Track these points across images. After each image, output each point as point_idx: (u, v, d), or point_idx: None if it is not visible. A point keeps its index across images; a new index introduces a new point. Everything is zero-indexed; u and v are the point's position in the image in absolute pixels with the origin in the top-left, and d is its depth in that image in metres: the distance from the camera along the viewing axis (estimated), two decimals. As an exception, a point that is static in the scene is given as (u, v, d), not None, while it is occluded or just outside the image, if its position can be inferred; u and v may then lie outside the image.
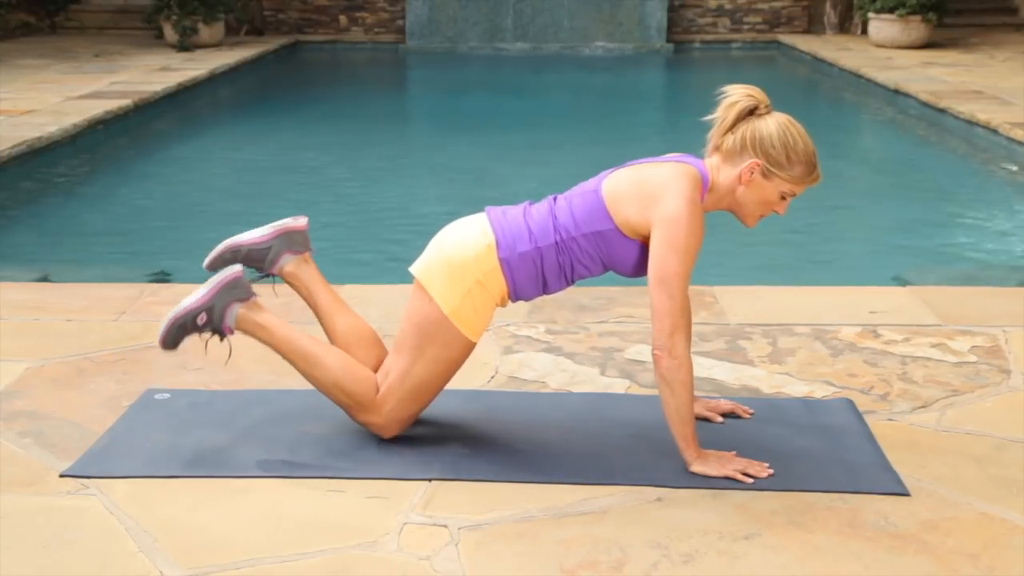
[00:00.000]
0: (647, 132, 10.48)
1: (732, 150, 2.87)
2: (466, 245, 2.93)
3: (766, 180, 2.85)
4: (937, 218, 6.76)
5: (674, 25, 15.56)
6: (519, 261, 2.91)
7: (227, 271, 3.01)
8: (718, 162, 2.91)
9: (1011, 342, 3.83)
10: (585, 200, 2.92)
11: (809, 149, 2.85)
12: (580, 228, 2.90)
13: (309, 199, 7.08)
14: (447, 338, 2.92)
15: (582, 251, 2.91)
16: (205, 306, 2.97)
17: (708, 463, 2.86)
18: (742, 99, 2.87)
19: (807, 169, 2.84)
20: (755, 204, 2.89)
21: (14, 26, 14.31)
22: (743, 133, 2.85)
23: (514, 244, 2.91)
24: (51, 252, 6.00)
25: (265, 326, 3.02)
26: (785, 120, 2.87)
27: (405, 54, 15.15)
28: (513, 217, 2.97)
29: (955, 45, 13.35)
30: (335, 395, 3.00)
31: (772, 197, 2.87)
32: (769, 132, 2.83)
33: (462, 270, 2.90)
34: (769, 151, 2.83)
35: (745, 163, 2.85)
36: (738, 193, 2.88)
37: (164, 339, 2.99)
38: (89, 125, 8.47)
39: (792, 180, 2.84)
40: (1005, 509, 2.72)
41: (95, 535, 2.60)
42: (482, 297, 2.92)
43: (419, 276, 2.95)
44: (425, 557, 2.51)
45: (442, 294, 2.90)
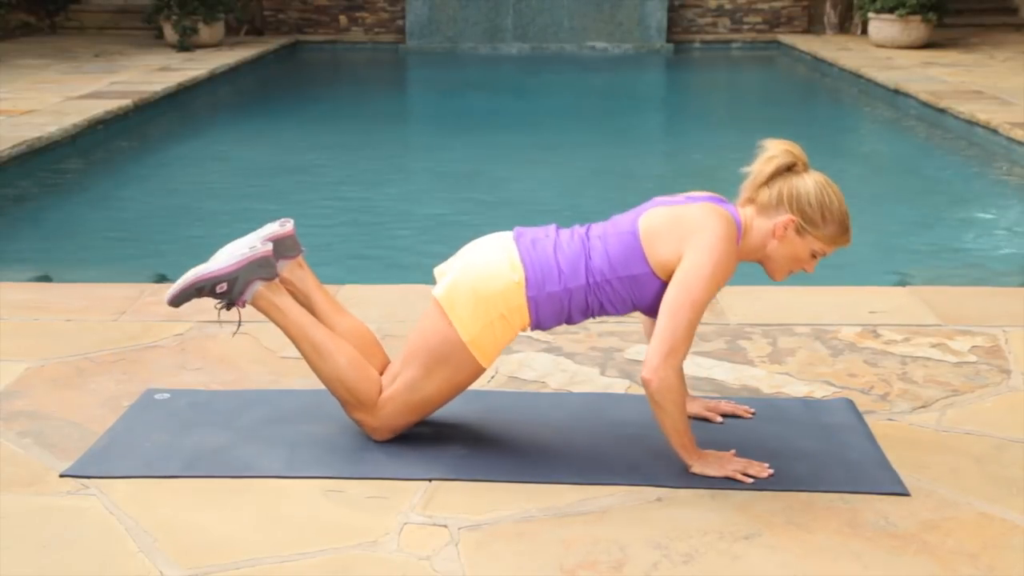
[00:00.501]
0: (647, 132, 10.49)
1: (767, 204, 2.87)
2: (494, 276, 2.89)
3: (799, 237, 2.85)
4: (937, 218, 6.76)
5: (674, 25, 15.56)
6: (547, 300, 2.89)
7: (260, 248, 3.00)
8: (752, 213, 2.90)
9: (1011, 342, 3.83)
10: (621, 241, 2.88)
11: (844, 210, 2.86)
12: (615, 271, 2.87)
13: (309, 199, 7.08)
14: (460, 362, 2.92)
15: (614, 293, 2.88)
16: (229, 276, 2.97)
17: (708, 463, 2.86)
18: (781, 155, 2.87)
19: (840, 230, 2.85)
20: (786, 259, 2.89)
21: (14, 26, 14.31)
22: (780, 188, 2.85)
23: (543, 282, 2.88)
24: (51, 252, 6.00)
25: (281, 308, 3.02)
26: (822, 179, 2.87)
27: (405, 54, 15.15)
28: (543, 251, 2.91)
29: (955, 45, 13.35)
30: (336, 389, 3.00)
31: (803, 254, 2.87)
32: (807, 190, 2.84)
33: (487, 302, 2.88)
34: (805, 209, 2.83)
35: (780, 218, 2.85)
36: (770, 247, 2.88)
37: (176, 297, 2.99)
38: (89, 125, 8.47)
39: (825, 240, 2.85)
40: (1005, 509, 2.72)
41: (95, 535, 2.60)
42: (503, 329, 2.91)
43: (441, 300, 2.92)
44: (425, 557, 2.51)
45: (463, 321, 2.88)
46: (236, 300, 3.00)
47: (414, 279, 4.71)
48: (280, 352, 3.72)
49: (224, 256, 3.00)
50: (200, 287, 2.98)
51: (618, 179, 7.93)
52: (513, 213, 6.85)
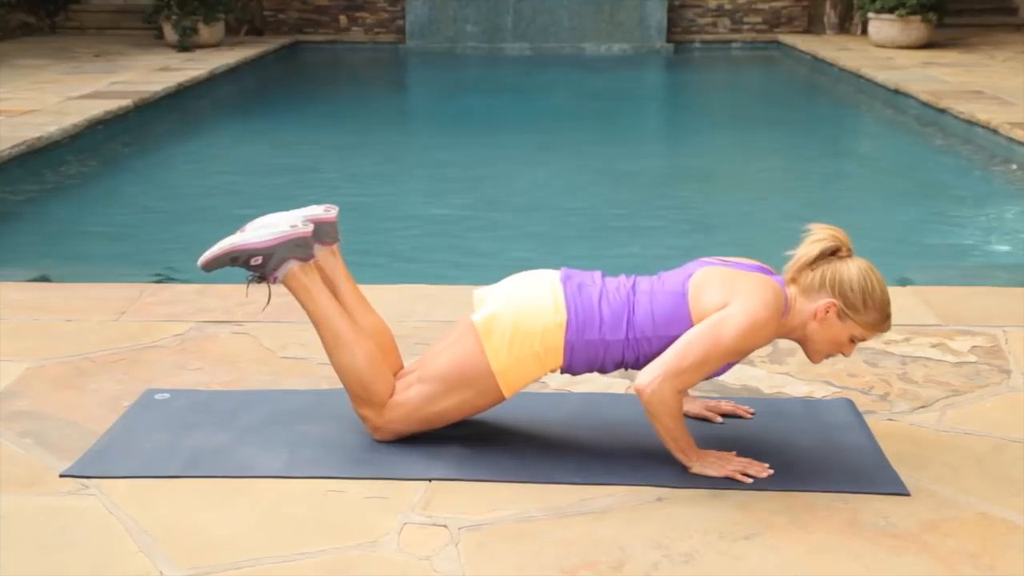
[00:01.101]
0: (647, 132, 10.50)
1: (811, 287, 2.87)
2: (536, 313, 2.89)
3: (839, 321, 2.85)
4: (937, 218, 6.76)
5: (674, 25, 15.57)
6: (584, 347, 2.89)
7: (301, 227, 3.00)
8: (795, 293, 2.90)
9: (1011, 342, 3.83)
10: (667, 301, 2.88)
11: (886, 299, 2.86)
12: (657, 330, 2.86)
13: (309, 199, 7.03)
14: (484, 388, 2.92)
15: (651, 351, 2.88)
16: (266, 251, 2.97)
17: (708, 463, 2.86)
18: (826, 239, 2.88)
19: (881, 317, 2.85)
20: (825, 342, 2.88)
21: (14, 26, 14.31)
22: (823, 272, 2.85)
23: (583, 329, 2.87)
24: (51, 252, 6.00)
25: (311, 291, 3.02)
26: (866, 266, 2.87)
27: (405, 54, 15.15)
28: (588, 298, 2.91)
29: (955, 45, 13.35)
30: (350, 381, 3.00)
31: (842, 338, 2.87)
32: (850, 276, 2.84)
33: (524, 338, 2.88)
34: (847, 294, 2.83)
35: (822, 301, 2.85)
36: (809, 328, 2.88)
37: (209, 263, 2.99)
38: (89, 125, 8.47)
39: (865, 326, 2.85)
40: (1005, 509, 2.72)
41: (95, 535, 2.60)
42: (535, 367, 2.91)
43: (479, 327, 2.91)
44: (425, 557, 2.51)
45: (496, 352, 2.88)
46: (268, 276, 3.00)
47: (414, 279, 4.72)
48: (280, 352, 3.72)
49: (263, 229, 2.99)
50: (235, 256, 2.98)
51: (618, 179, 7.93)
52: (513, 213, 6.86)
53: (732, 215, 6.71)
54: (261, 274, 3.01)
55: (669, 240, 6.18)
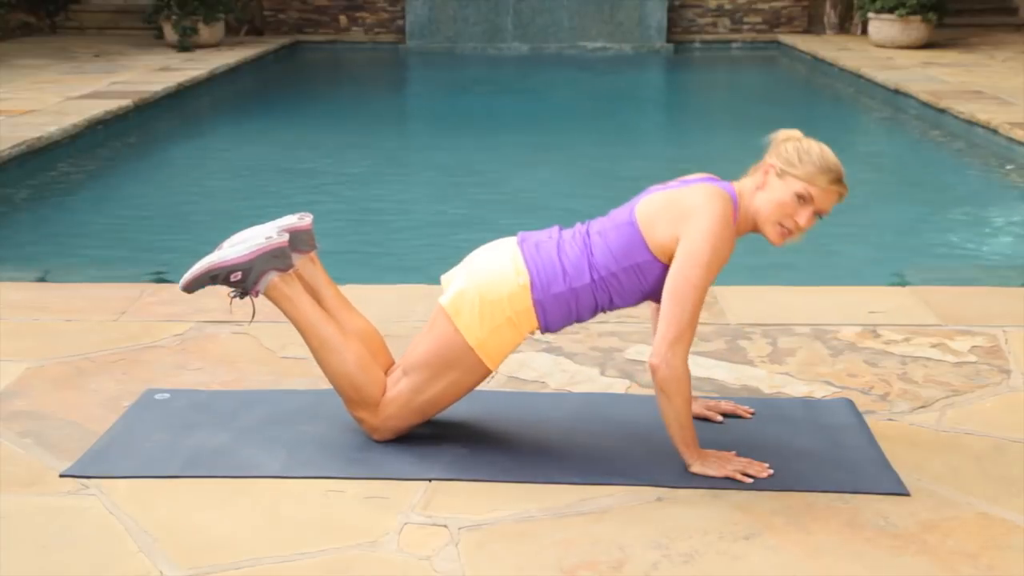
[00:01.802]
0: (647, 132, 10.49)
1: (755, 167, 2.91)
2: (499, 281, 2.90)
3: (780, 181, 2.85)
4: (937, 218, 6.76)
5: (674, 25, 15.56)
6: (553, 301, 2.90)
7: (276, 238, 3.01)
8: (745, 183, 2.93)
9: (1011, 342, 3.83)
10: (620, 233, 2.90)
11: (825, 154, 2.86)
12: (619, 263, 2.88)
13: (309, 199, 7.07)
14: (467, 366, 2.93)
15: (621, 285, 2.89)
16: (244, 265, 2.98)
17: (708, 463, 2.86)
18: (780, 132, 2.91)
19: (819, 169, 2.84)
20: (772, 208, 2.87)
21: (14, 26, 14.30)
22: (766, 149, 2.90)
23: (548, 285, 2.89)
24: (51, 252, 6.00)
25: (293, 300, 3.03)
26: (803, 134, 2.89)
27: (405, 54, 15.15)
28: (547, 253, 2.93)
29: (955, 45, 13.34)
30: (341, 385, 3.00)
31: (787, 198, 2.85)
32: (783, 136, 2.89)
33: (493, 306, 2.89)
34: (781, 152, 2.86)
35: (761, 170, 2.88)
36: (756, 202, 2.88)
37: (190, 283, 3.01)
38: (89, 125, 8.47)
39: (806, 179, 2.83)
40: (1005, 509, 2.72)
41: (95, 535, 2.60)
42: (511, 332, 2.92)
43: (447, 307, 2.92)
44: (425, 557, 2.51)
45: (469, 327, 2.89)
46: (250, 290, 3.01)
47: (414, 279, 4.72)
48: (280, 352, 3.72)
49: (240, 244, 3.00)
50: (214, 275, 2.99)
51: (618, 179, 7.92)
52: (513, 213, 6.85)
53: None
54: (243, 289, 3.02)
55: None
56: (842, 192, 2.89)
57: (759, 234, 2.94)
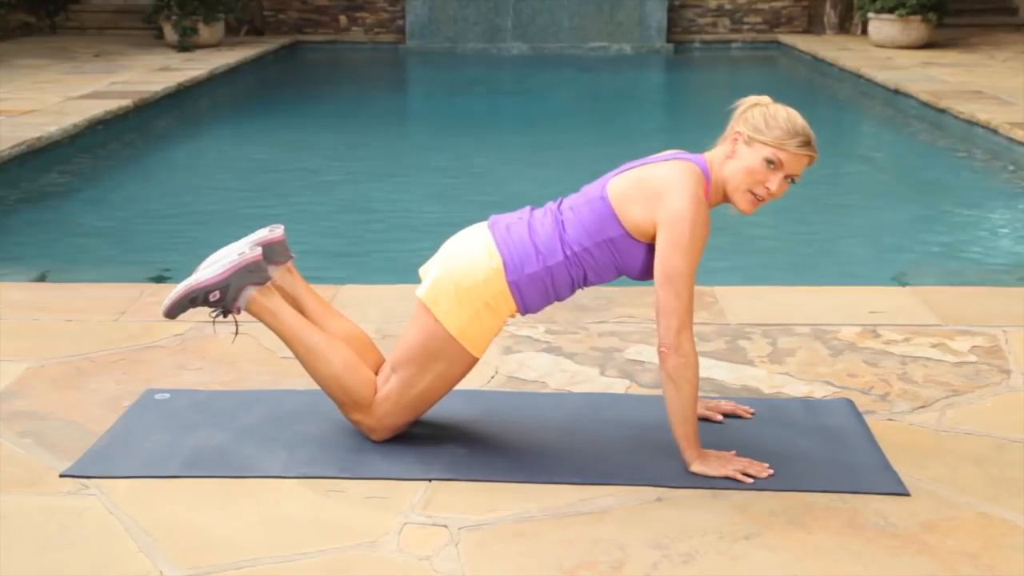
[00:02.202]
0: (647, 132, 10.49)
1: (723, 136, 2.91)
2: (473, 267, 2.90)
3: (748, 148, 2.84)
4: (937, 218, 6.76)
5: (674, 25, 15.57)
6: (528, 282, 2.90)
7: (249, 253, 3.01)
8: (715, 153, 2.92)
9: (1011, 342, 3.83)
10: (592, 208, 2.89)
11: (792, 118, 2.84)
12: (592, 237, 2.87)
13: (309, 199, 7.08)
14: (452, 356, 2.93)
15: (595, 260, 2.89)
16: (221, 284, 2.98)
17: (708, 463, 2.86)
18: (747, 98, 2.90)
19: (787, 134, 2.82)
20: (742, 175, 2.84)
21: (14, 26, 14.31)
22: (733, 116, 2.89)
23: (522, 265, 2.89)
24: (51, 252, 6.00)
25: (275, 312, 3.03)
26: (770, 99, 2.89)
27: (405, 54, 15.15)
28: (518, 234, 2.92)
29: (955, 45, 13.35)
30: (332, 390, 3.01)
31: (756, 164, 2.82)
32: (750, 102, 2.88)
33: (469, 292, 2.89)
34: (748, 119, 2.85)
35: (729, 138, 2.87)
36: (726, 168, 2.87)
37: (171, 309, 3.01)
38: (89, 125, 8.47)
39: (774, 143, 2.80)
40: (1005, 509, 2.72)
41: (95, 535, 2.60)
42: (490, 317, 2.92)
43: (424, 299, 2.93)
44: (425, 557, 2.51)
45: (448, 315, 2.89)
46: (230, 307, 3.02)
47: (414, 279, 4.69)
48: (280, 352, 3.72)
49: (214, 264, 3.01)
50: (193, 297, 3.00)
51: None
52: (513, 213, 6.85)
53: (732, 215, 6.70)
54: (223, 307, 3.02)
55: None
56: (812, 155, 2.86)
57: (729, 203, 2.92)
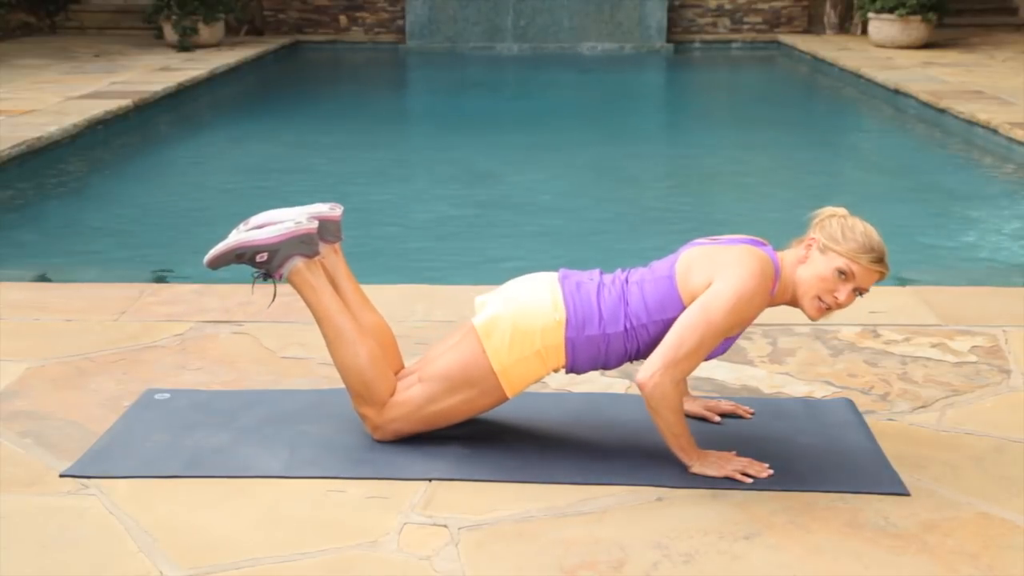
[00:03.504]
0: (647, 132, 10.49)
1: (798, 240, 2.92)
2: (536, 313, 2.90)
3: (822, 256, 2.85)
4: (937, 218, 6.76)
5: (674, 25, 15.56)
6: (585, 343, 2.90)
7: (305, 224, 3.01)
8: (787, 255, 2.93)
9: (1011, 342, 3.83)
10: (658, 287, 2.90)
11: (869, 233, 2.85)
12: (651, 316, 2.88)
13: (309, 199, 7.04)
14: (486, 388, 2.93)
15: (651, 338, 2.89)
16: (271, 247, 2.98)
17: (708, 463, 2.86)
18: (825, 208, 2.93)
19: (862, 248, 2.82)
20: (811, 281, 2.86)
21: (14, 26, 14.31)
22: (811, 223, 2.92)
23: (583, 325, 2.89)
24: (51, 252, 6.00)
25: (315, 287, 3.03)
26: (847, 212, 2.91)
27: (405, 54, 15.15)
28: (586, 294, 2.93)
29: (955, 45, 13.35)
30: (351, 379, 3.00)
31: (827, 273, 2.84)
32: (829, 212, 2.90)
33: (524, 336, 2.89)
34: (826, 227, 2.86)
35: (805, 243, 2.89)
36: (797, 275, 2.88)
37: (215, 260, 3.01)
38: (89, 125, 8.47)
39: (849, 255, 2.81)
40: (1005, 509, 2.72)
41: (95, 535, 2.60)
42: (537, 365, 2.92)
43: (479, 329, 2.93)
44: (425, 557, 2.51)
45: (497, 351, 2.89)
46: (273, 272, 3.01)
47: (414, 279, 4.72)
48: (280, 352, 3.72)
49: (269, 226, 3.00)
50: (241, 253, 3.00)
51: (619, 179, 7.93)
52: (513, 213, 6.85)
53: (732, 215, 6.70)
54: (267, 270, 3.01)
55: (669, 240, 6.17)
56: (883, 272, 2.88)
57: (796, 307, 2.93)
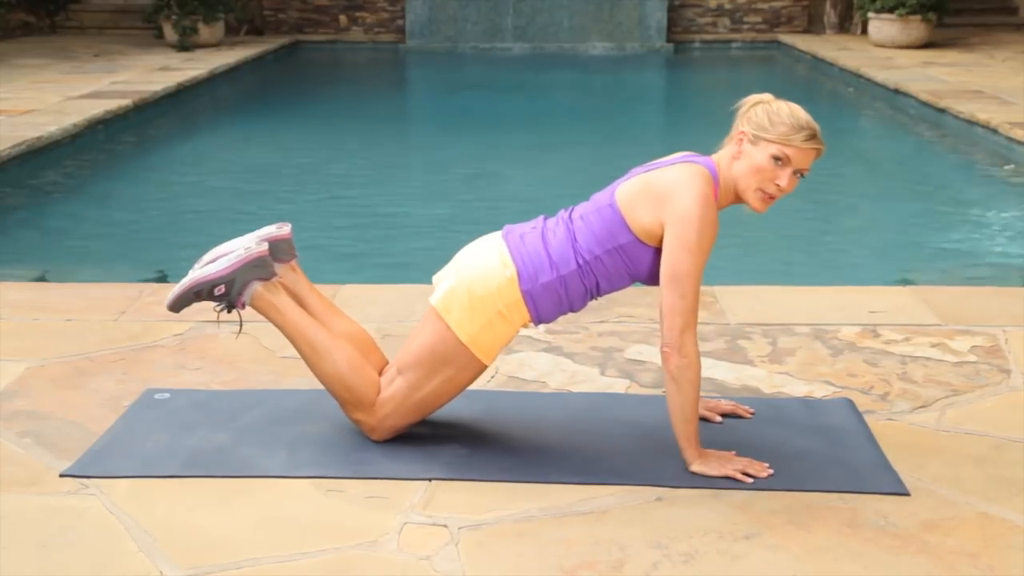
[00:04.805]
0: (647, 132, 10.49)
1: (728, 137, 2.91)
2: (487, 275, 2.90)
3: (754, 147, 2.84)
4: (937, 218, 6.76)
5: (674, 25, 15.57)
6: (542, 291, 2.90)
7: (255, 248, 3.00)
8: (722, 155, 2.92)
9: (1011, 342, 3.83)
10: (602, 216, 2.90)
11: (795, 112, 2.83)
12: (603, 245, 2.88)
13: (309, 199, 7.08)
14: (462, 362, 2.93)
15: (606, 268, 2.89)
16: (226, 279, 2.98)
17: (708, 463, 2.86)
18: (749, 97, 2.90)
19: (792, 128, 2.80)
20: (750, 174, 2.84)
21: (14, 26, 14.31)
22: (736, 116, 2.90)
23: (536, 275, 2.89)
24: (51, 252, 6.00)
25: (280, 308, 3.03)
26: (772, 96, 2.89)
27: (405, 54, 15.15)
28: (532, 244, 2.93)
29: (955, 45, 13.35)
30: (335, 388, 3.00)
31: (764, 162, 2.82)
32: (750, 100, 2.88)
33: (483, 301, 2.89)
34: (752, 117, 2.85)
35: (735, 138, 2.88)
36: (735, 171, 2.87)
37: (175, 302, 3.02)
38: (89, 125, 8.47)
39: (780, 139, 2.79)
40: (1005, 509, 2.72)
41: (95, 535, 2.60)
42: (503, 326, 2.92)
43: (437, 306, 2.93)
44: (425, 557, 2.51)
45: (460, 323, 2.89)
46: (235, 302, 3.01)
47: (414, 279, 4.71)
48: (280, 352, 3.72)
49: (221, 259, 3.00)
50: (198, 290, 3.00)
51: (618, 178, 7.92)
52: (513, 213, 6.83)
53: (732, 215, 6.71)
54: (228, 302, 3.01)
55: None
56: (819, 148, 2.84)
57: (742, 204, 2.92)
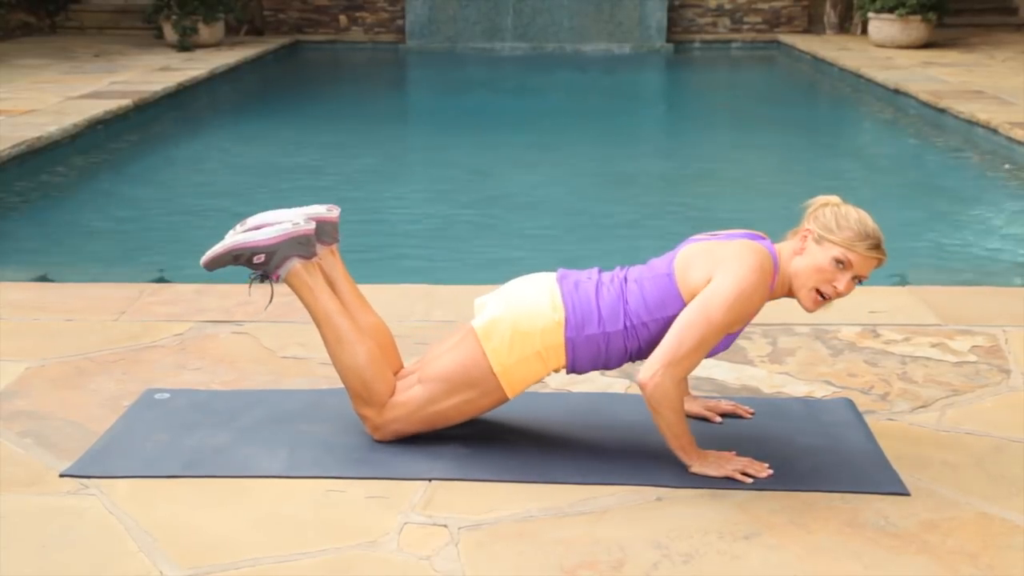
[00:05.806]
0: (647, 132, 10.49)
1: (793, 231, 2.92)
2: (535, 314, 2.90)
3: (818, 247, 2.85)
4: (937, 218, 6.76)
5: (674, 25, 15.56)
6: (585, 342, 2.89)
7: (303, 225, 3.00)
8: (783, 247, 2.93)
9: (1011, 342, 3.83)
10: (656, 284, 2.89)
11: (863, 220, 2.85)
12: (652, 314, 2.88)
13: (309, 199, 7.04)
14: (487, 388, 2.93)
15: (651, 336, 2.89)
16: (269, 249, 2.97)
17: (708, 463, 2.86)
18: (818, 197, 2.92)
19: (858, 236, 2.82)
20: (809, 272, 2.85)
21: (14, 26, 14.31)
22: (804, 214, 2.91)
23: (583, 324, 2.89)
24: (51, 252, 6.00)
25: (313, 289, 3.02)
26: (841, 200, 2.90)
27: (405, 54, 15.15)
28: (584, 294, 2.93)
29: (955, 45, 13.35)
30: (351, 380, 3.00)
31: (825, 263, 2.83)
32: (822, 202, 2.90)
33: (524, 337, 2.89)
34: (820, 218, 2.86)
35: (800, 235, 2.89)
36: (793, 267, 2.88)
37: (212, 261, 3.00)
38: (89, 125, 8.47)
39: (845, 244, 2.81)
40: (1005, 509, 2.73)
41: (95, 535, 2.60)
42: (537, 365, 2.92)
43: (479, 331, 2.92)
44: (425, 557, 2.51)
45: (497, 352, 2.89)
46: (271, 274, 3.01)
47: (414, 279, 4.72)
48: (280, 352, 3.72)
49: (266, 228, 2.99)
50: (238, 254, 2.99)
51: (618, 179, 7.93)
52: (513, 213, 6.86)
53: (732, 215, 6.70)
54: (264, 272, 3.01)
55: (669, 239, 6.16)
56: (881, 258, 2.86)
57: (793, 298, 2.93)
